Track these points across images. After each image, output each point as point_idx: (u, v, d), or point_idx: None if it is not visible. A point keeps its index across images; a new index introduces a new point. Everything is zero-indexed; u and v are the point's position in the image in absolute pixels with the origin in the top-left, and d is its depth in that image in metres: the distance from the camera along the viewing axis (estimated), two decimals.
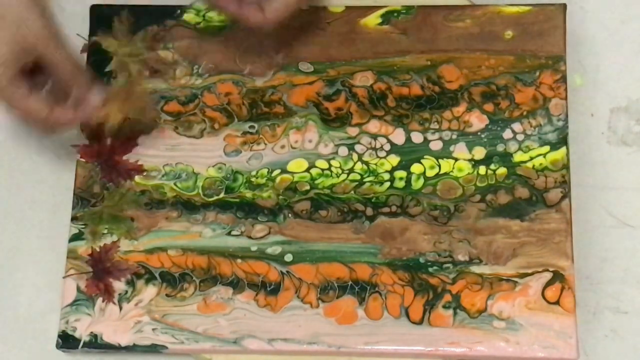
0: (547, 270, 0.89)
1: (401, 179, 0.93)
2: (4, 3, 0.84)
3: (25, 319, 0.94)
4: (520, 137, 0.93)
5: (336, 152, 0.94)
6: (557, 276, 0.89)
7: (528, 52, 0.95)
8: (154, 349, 0.90)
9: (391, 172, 0.93)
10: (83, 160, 0.96)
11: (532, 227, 0.90)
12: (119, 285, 0.92)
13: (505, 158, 0.92)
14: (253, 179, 0.94)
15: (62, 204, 0.96)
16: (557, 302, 0.88)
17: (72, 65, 0.89)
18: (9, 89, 0.87)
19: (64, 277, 0.92)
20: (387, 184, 0.93)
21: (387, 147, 0.94)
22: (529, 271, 0.89)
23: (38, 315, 0.94)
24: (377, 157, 0.94)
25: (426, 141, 0.94)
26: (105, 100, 0.91)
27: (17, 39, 0.85)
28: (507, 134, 0.93)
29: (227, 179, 0.94)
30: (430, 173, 0.93)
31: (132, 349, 0.90)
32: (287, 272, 0.91)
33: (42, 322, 0.93)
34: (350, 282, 0.90)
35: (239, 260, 0.92)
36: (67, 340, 0.91)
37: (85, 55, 0.99)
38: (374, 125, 0.95)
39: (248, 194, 0.94)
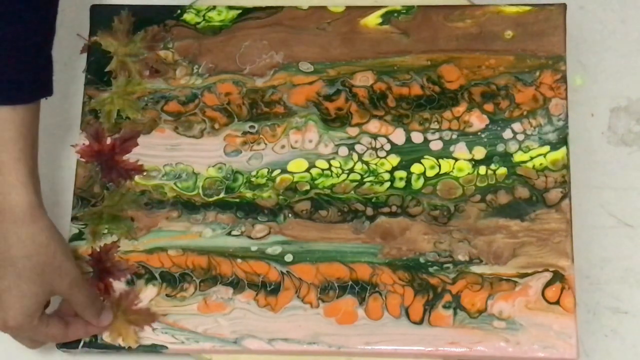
0: (547, 270, 0.89)
1: (401, 179, 0.93)
2: (47, 252, 0.86)
3: None
4: (520, 137, 0.93)
5: (336, 152, 0.94)
6: (557, 276, 0.89)
7: (528, 52, 0.95)
8: (154, 349, 0.90)
9: (391, 172, 0.93)
10: (83, 160, 0.96)
11: (532, 227, 0.90)
12: (119, 285, 0.92)
13: (506, 158, 0.92)
14: (253, 179, 0.94)
15: (62, 204, 0.96)
16: (557, 302, 0.88)
17: (86, 305, 0.89)
18: (25, 324, 0.88)
19: None
20: (387, 184, 0.93)
21: (387, 147, 0.94)
22: (529, 271, 0.89)
23: None
24: (377, 157, 0.94)
25: (426, 141, 0.94)
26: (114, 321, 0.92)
27: (49, 289, 0.87)
28: (507, 134, 0.93)
29: (227, 179, 0.94)
30: (430, 173, 0.93)
31: (132, 349, 0.90)
32: (287, 272, 0.91)
33: None
34: (350, 282, 0.90)
35: (239, 260, 0.92)
36: None
37: (85, 55, 0.99)
38: (374, 125, 0.95)
39: (248, 194, 0.94)
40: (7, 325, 0.86)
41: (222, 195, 0.94)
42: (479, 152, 0.93)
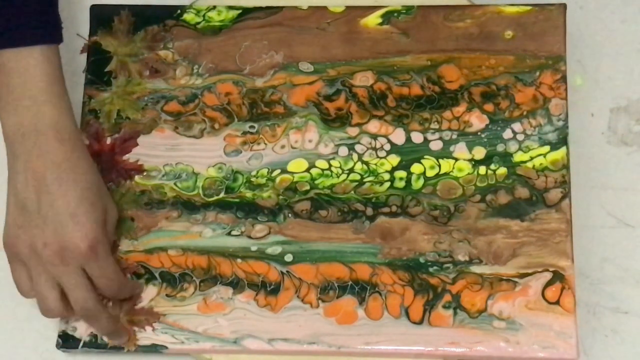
0: (547, 270, 0.89)
1: (401, 179, 0.93)
2: (100, 178, 0.91)
3: (25, 318, 0.94)
4: (520, 137, 0.93)
5: (336, 152, 0.94)
6: (557, 276, 0.89)
7: (528, 52, 0.95)
8: (154, 349, 0.90)
9: (391, 172, 0.93)
10: None
11: (532, 227, 0.90)
12: None
13: (505, 158, 0.93)
14: (253, 179, 0.94)
15: None
16: (557, 302, 0.88)
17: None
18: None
19: None
20: (387, 184, 0.93)
21: (387, 147, 0.94)
22: (529, 271, 0.89)
23: (38, 315, 0.94)
24: (377, 157, 0.94)
25: (426, 141, 0.94)
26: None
27: (104, 210, 0.90)
28: (507, 134, 0.93)
29: (227, 179, 0.94)
30: (430, 173, 0.93)
31: (131, 349, 0.90)
32: (287, 272, 0.91)
33: (42, 322, 0.93)
34: (350, 282, 0.90)
35: (239, 260, 0.92)
36: (67, 340, 0.91)
37: (85, 55, 0.99)
38: (374, 125, 0.95)
39: (248, 194, 0.94)
40: (89, 239, 0.86)
41: (222, 195, 0.94)
42: (479, 152, 0.93)
